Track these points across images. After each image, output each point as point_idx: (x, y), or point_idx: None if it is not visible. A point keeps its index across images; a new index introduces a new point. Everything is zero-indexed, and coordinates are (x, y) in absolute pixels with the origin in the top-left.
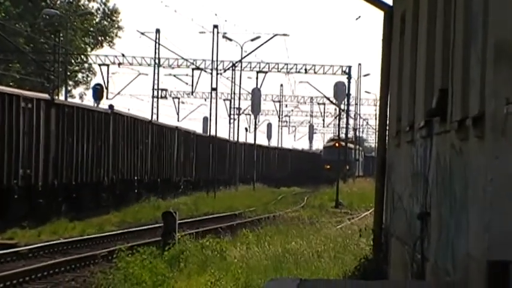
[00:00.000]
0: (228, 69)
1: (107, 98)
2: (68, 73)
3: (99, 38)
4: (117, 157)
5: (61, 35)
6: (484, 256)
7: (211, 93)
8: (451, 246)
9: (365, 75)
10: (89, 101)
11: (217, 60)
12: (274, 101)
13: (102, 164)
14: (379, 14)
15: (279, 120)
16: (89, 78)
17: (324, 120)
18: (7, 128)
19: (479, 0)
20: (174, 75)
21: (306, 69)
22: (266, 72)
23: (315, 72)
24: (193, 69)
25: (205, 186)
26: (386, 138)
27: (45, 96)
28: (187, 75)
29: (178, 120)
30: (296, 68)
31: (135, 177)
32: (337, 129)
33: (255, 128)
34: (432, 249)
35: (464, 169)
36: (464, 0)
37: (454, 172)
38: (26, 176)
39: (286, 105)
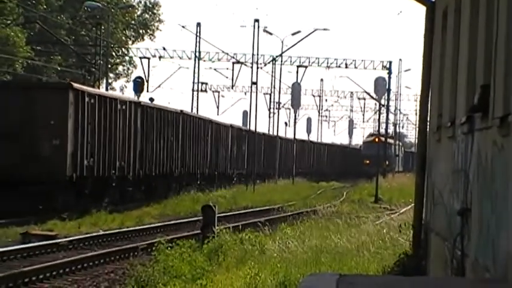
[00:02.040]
0: (269, 63)
1: (147, 91)
2: (109, 66)
3: (140, 31)
4: (185, 152)
5: (102, 27)
6: None
7: (251, 87)
8: (492, 243)
9: (406, 71)
10: (129, 93)
11: (257, 54)
12: (314, 96)
13: (173, 158)
14: (421, 9)
15: (318, 115)
16: (129, 71)
17: (363, 115)
18: (108, 126)
19: None
20: (215, 69)
21: (346, 64)
22: (306, 67)
23: (356, 67)
24: (233, 63)
25: (257, 178)
26: (427, 133)
27: (134, 99)
28: (227, 69)
29: (217, 114)
30: (336, 63)
31: (198, 170)
32: (377, 124)
33: (295, 123)
34: (472, 245)
35: (505, 166)
36: None
37: (496, 169)
38: (120, 168)
39: (326, 100)
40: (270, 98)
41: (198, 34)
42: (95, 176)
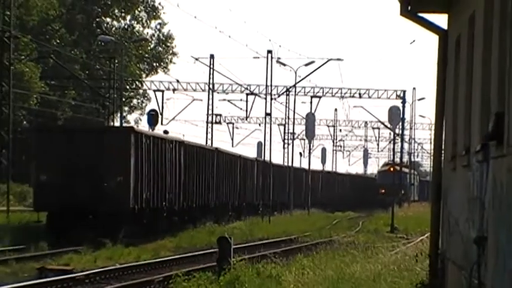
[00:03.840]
0: (282, 94)
1: (161, 123)
2: (123, 99)
3: (154, 64)
4: (219, 185)
5: (116, 61)
6: None
7: (265, 118)
8: (508, 271)
9: (419, 99)
10: (143, 126)
11: (271, 85)
12: (328, 126)
13: (209, 191)
14: (434, 38)
15: (333, 145)
16: (143, 104)
17: (378, 145)
18: (158, 163)
19: None
20: (229, 101)
21: (360, 94)
22: (320, 97)
23: (369, 97)
24: (247, 94)
25: (281, 209)
26: (442, 162)
27: (179, 138)
28: (241, 100)
29: (232, 146)
30: (350, 93)
31: (230, 201)
32: (391, 153)
33: (309, 153)
34: (489, 274)
35: None
36: None
37: (511, 196)
38: (169, 199)
39: (341, 130)
40: (284, 129)
41: (211, 66)
42: (150, 207)
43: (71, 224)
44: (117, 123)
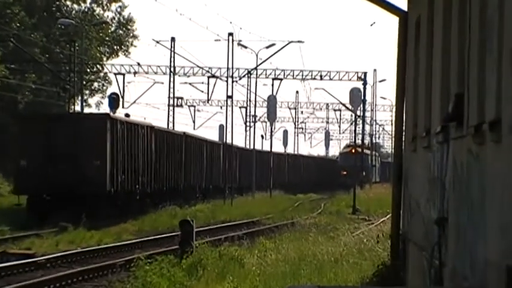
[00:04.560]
0: (244, 76)
1: (123, 107)
2: (84, 82)
3: (115, 47)
4: (188, 168)
5: (76, 44)
6: (503, 261)
7: (226, 101)
8: (469, 251)
9: (380, 81)
10: (104, 109)
11: (232, 68)
12: (290, 108)
13: (178, 174)
14: (394, 20)
15: (295, 127)
16: (104, 87)
17: (340, 127)
18: (131, 148)
19: (494, 4)
20: (190, 84)
21: (321, 76)
22: (281, 79)
23: (331, 79)
24: (208, 77)
25: (246, 191)
26: (403, 143)
27: (150, 123)
28: (202, 83)
29: (194, 129)
30: (311, 75)
31: (197, 184)
32: (353, 135)
33: (271, 135)
34: (450, 254)
35: (481, 174)
36: (480, 5)
37: (471, 177)
38: (142, 183)
39: (302, 112)
40: (246, 112)
41: (172, 49)
42: (125, 190)
43: (50, 206)
44: (77, 107)
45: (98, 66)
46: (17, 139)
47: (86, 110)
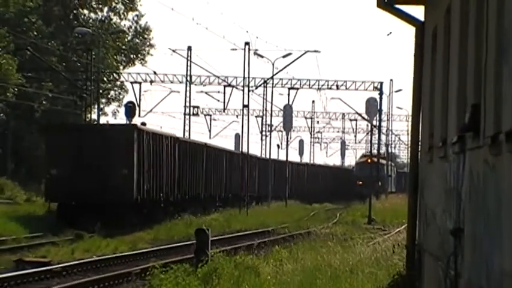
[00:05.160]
0: (260, 86)
1: (139, 115)
2: (100, 91)
3: (131, 56)
4: (208, 178)
5: (93, 53)
6: None
7: (242, 110)
8: (485, 262)
9: (397, 91)
10: (121, 118)
11: (248, 77)
12: (306, 118)
13: (199, 183)
14: (411, 30)
15: (310, 137)
16: (121, 96)
17: (355, 136)
18: (156, 158)
19: (511, 15)
20: (206, 93)
21: (337, 86)
22: (298, 89)
23: (347, 89)
24: (225, 86)
25: (262, 200)
26: (419, 153)
27: (174, 134)
28: (219, 92)
29: (210, 138)
30: (327, 84)
31: (217, 193)
32: (369, 145)
33: (287, 145)
34: (466, 265)
35: (497, 184)
36: (497, 16)
37: (488, 187)
38: (166, 191)
39: (318, 122)
40: (262, 121)
41: (189, 58)
42: (150, 199)
43: (79, 214)
44: (94, 116)
45: (115, 74)
46: (48, 149)
47: (102, 119)
